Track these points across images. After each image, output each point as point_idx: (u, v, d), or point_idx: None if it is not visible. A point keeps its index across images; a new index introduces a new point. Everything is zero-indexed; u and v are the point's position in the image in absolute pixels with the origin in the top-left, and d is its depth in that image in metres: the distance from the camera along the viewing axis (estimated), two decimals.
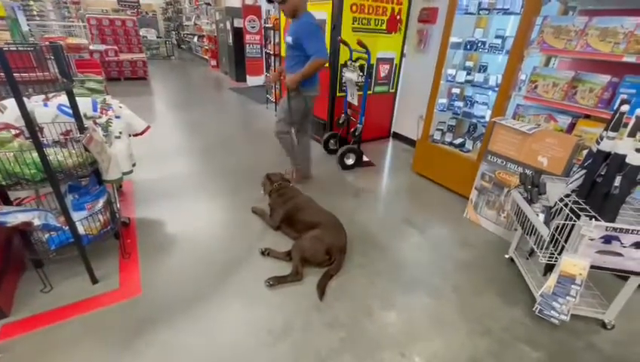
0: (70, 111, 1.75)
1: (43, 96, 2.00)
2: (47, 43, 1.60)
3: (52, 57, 1.56)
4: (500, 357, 1.55)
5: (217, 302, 1.77)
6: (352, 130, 3.48)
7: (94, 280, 1.81)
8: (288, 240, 2.25)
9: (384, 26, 3.80)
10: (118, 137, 2.11)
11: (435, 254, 2.27)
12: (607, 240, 1.48)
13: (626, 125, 1.48)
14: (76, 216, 1.71)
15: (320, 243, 2.01)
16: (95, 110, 2.07)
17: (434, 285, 1.97)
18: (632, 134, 1.42)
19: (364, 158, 3.69)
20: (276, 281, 1.88)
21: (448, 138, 3.24)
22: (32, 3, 8.25)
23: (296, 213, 2.28)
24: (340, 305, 1.79)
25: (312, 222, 2.18)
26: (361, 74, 3.15)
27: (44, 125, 1.77)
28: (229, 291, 1.85)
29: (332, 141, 3.91)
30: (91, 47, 6.19)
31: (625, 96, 1.83)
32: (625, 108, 1.48)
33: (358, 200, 2.93)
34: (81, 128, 1.76)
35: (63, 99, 1.89)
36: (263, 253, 2.12)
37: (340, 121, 3.67)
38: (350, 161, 3.50)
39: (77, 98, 1.78)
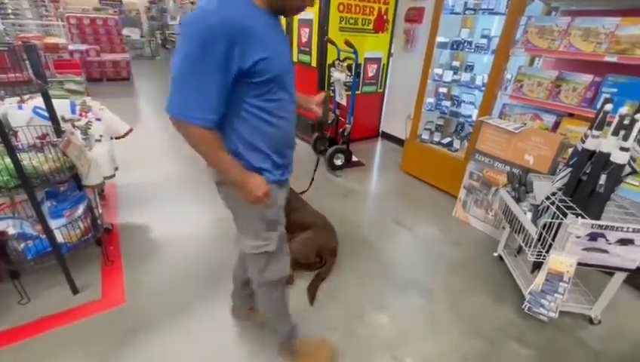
0: (46, 113, 1.67)
1: (17, 98, 1.91)
2: (19, 42, 1.52)
3: (25, 57, 1.49)
4: (491, 357, 1.56)
5: (205, 309, 1.72)
6: (341, 130, 3.46)
7: (75, 290, 1.74)
8: None
9: (371, 26, 3.80)
10: (99, 140, 2.03)
11: (425, 254, 2.27)
12: (593, 237, 1.50)
13: (609, 124, 1.50)
14: (54, 223, 1.63)
15: (311, 246, 1.99)
16: (74, 112, 1.99)
17: (425, 285, 1.97)
18: (615, 133, 1.45)
19: (354, 158, 3.68)
20: None
21: (436, 137, 3.26)
22: (6, 1, 7.92)
23: (290, 215, 2.24)
24: (330, 309, 1.77)
25: (304, 224, 2.15)
26: (349, 74, 3.14)
27: (18, 129, 1.69)
28: (218, 297, 1.80)
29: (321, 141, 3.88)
30: (71, 47, 5.99)
31: (608, 95, 1.88)
32: (608, 107, 1.50)
33: (347, 200, 2.91)
34: (59, 131, 1.69)
35: (39, 101, 1.80)
36: None
37: (329, 122, 3.65)
38: (339, 162, 3.48)
39: (54, 100, 1.71)
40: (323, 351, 1.48)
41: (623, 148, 1.41)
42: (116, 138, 2.29)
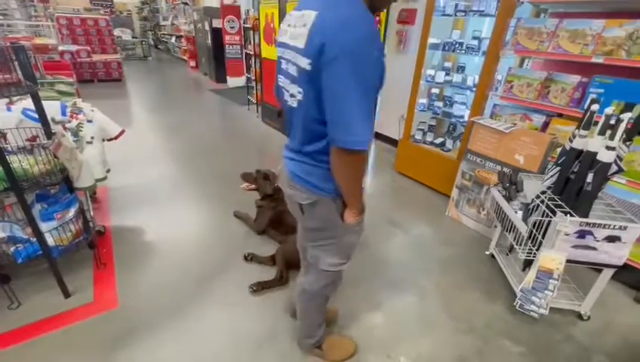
0: (36, 115, 1.65)
1: (6, 100, 1.88)
2: (8, 43, 1.50)
3: (14, 58, 1.47)
4: (484, 354, 1.58)
5: (199, 311, 1.72)
6: None
7: (67, 294, 1.72)
8: (272, 245, 2.22)
9: None
10: (90, 142, 2.01)
11: (418, 253, 2.29)
12: (582, 235, 1.53)
13: (596, 124, 1.53)
14: (45, 226, 1.61)
15: None
16: (64, 114, 1.97)
17: (418, 284, 1.99)
18: (601, 132, 1.48)
19: None
20: (260, 286, 1.84)
21: (429, 138, 3.29)
22: None
23: (284, 216, 2.25)
24: None
25: (297, 225, 2.15)
26: None
27: (7, 131, 1.66)
28: (212, 299, 1.79)
29: None
30: (61, 48, 5.93)
31: (595, 96, 1.92)
32: (595, 107, 1.53)
33: None
34: (49, 133, 1.67)
35: (29, 102, 1.78)
36: (246, 258, 2.07)
37: None
38: None
39: (44, 102, 1.69)
40: (347, 342, 1.56)
41: (609, 148, 1.44)
42: (108, 140, 2.27)
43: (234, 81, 7.73)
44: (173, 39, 12.62)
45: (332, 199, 1.03)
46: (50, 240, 1.62)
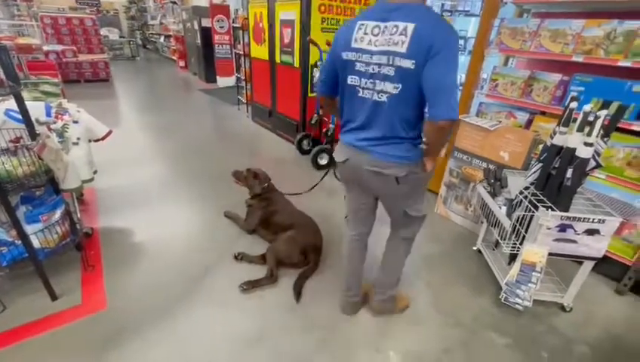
0: (19, 116, 1.62)
1: None
2: None
3: None
4: (471, 346, 1.61)
5: (190, 311, 1.72)
6: (325, 130, 3.49)
7: (54, 297, 1.70)
8: (262, 244, 2.22)
9: None
10: (76, 143, 1.99)
11: None
12: (563, 228, 1.58)
13: (575, 121, 1.58)
14: (30, 228, 1.59)
15: (295, 244, 2.00)
16: (49, 115, 1.94)
17: (408, 281, 2.02)
18: (580, 129, 1.52)
19: None
20: (250, 285, 1.85)
21: None
22: None
23: (274, 215, 2.26)
24: (316, 306, 1.79)
25: (287, 224, 2.17)
26: None
27: None
28: (202, 299, 1.79)
29: (305, 141, 3.91)
30: (46, 48, 5.81)
31: (574, 94, 1.97)
32: (574, 104, 1.58)
33: (332, 199, 2.94)
34: (33, 135, 1.64)
35: (12, 103, 1.75)
36: (236, 258, 2.08)
37: (313, 122, 3.67)
38: (323, 161, 3.51)
39: (29, 102, 1.66)
40: (403, 293, 1.85)
41: (587, 144, 1.49)
42: (95, 141, 2.25)
43: (224, 81, 7.68)
44: (161, 39, 12.47)
45: (417, 162, 1.31)
46: (35, 243, 1.60)
